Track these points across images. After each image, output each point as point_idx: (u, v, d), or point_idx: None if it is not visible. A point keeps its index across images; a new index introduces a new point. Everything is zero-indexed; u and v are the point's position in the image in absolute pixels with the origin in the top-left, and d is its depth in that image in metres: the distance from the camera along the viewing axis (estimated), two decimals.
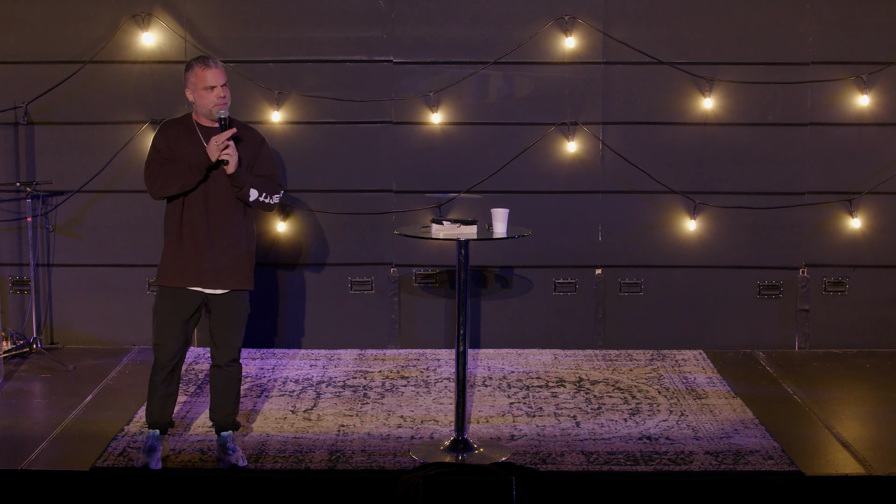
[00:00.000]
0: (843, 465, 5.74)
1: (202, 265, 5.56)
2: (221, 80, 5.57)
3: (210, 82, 5.54)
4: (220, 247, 5.58)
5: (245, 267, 5.67)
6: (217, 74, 5.55)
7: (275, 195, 5.65)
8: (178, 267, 5.58)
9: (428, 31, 7.64)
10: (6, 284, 7.81)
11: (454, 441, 5.91)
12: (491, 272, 7.86)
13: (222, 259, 5.58)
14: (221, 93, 5.57)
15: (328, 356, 7.64)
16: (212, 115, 5.59)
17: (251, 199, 5.56)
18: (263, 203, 5.61)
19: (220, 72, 5.57)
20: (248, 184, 5.54)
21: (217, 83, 5.55)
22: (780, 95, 7.65)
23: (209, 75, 5.54)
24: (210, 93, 5.55)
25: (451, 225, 5.87)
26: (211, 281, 5.59)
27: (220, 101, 5.56)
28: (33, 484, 5.47)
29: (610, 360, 7.58)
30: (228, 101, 5.61)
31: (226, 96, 5.58)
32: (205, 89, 5.56)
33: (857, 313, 7.83)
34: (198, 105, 5.62)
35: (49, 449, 5.88)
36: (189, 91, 5.62)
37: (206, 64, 5.56)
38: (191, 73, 5.59)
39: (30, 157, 7.68)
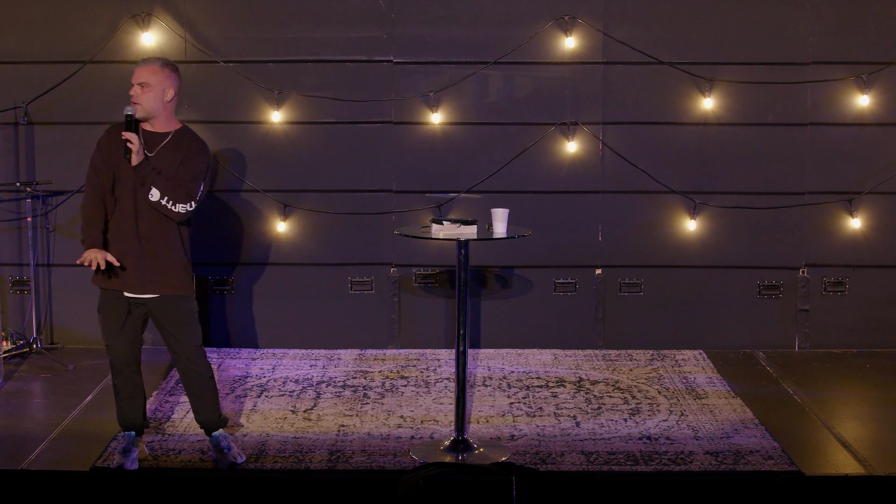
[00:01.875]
0: (843, 465, 5.74)
1: (128, 270, 5.47)
2: (137, 79, 5.44)
3: (132, 80, 5.47)
4: (146, 252, 5.48)
5: (175, 273, 5.54)
6: (137, 73, 5.44)
7: (179, 203, 5.41)
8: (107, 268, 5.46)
9: (428, 31, 7.64)
10: (6, 284, 7.81)
11: (454, 441, 5.91)
12: (491, 272, 7.86)
13: (147, 264, 5.48)
14: (134, 91, 5.43)
15: (328, 356, 7.64)
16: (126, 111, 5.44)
17: (152, 200, 5.37)
18: (164, 207, 5.40)
19: (141, 71, 5.44)
20: (151, 182, 5.37)
21: (134, 81, 5.44)
22: (780, 95, 7.65)
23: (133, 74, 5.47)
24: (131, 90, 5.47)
25: (451, 225, 5.87)
26: (136, 286, 5.51)
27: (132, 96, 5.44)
28: (33, 484, 5.48)
29: (610, 360, 7.58)
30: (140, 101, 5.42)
31: (135, 95, 5.42)
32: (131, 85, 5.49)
33: (857, 313, 7.83)
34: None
35: (49, 449, 5.88)
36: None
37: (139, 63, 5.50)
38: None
39: (30, 157, 7.68)
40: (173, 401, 6.67)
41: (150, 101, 5.44)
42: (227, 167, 7.68)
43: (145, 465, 5.66)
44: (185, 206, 5.44)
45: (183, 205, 5.43)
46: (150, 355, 7.62)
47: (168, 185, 5.40)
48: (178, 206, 5.43)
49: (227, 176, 7.70)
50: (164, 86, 5.46)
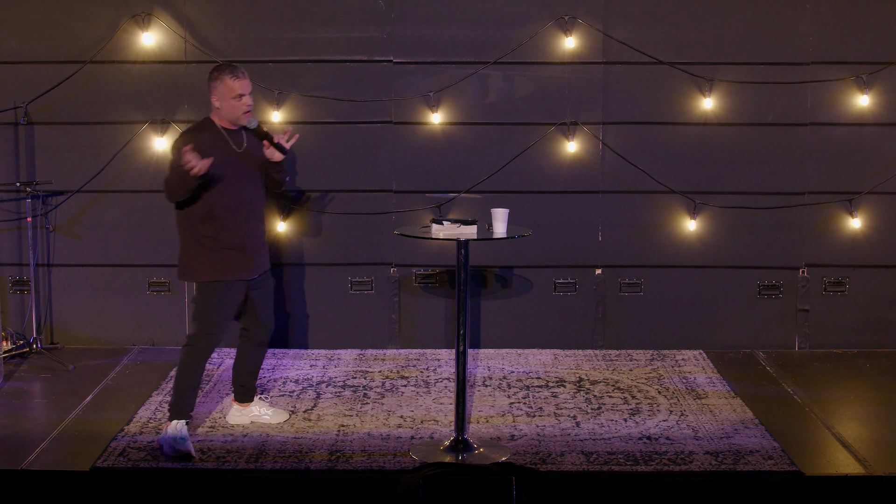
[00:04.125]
0: (843, 465, 5.74)
1: (248, 255, 5.93)
2: (249, 88, 5.92)
3: (239, 91, 5.86)
4: (255, 234, 6.00)
5: (266, 248, 6.18)
6: (246, 84, 5.89)
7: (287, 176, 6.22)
8: (225, 260, 5.87)
9: (428, 31, 7.64)
10: (6, 284, 7.81)
11: (454, 441, 5.91)
12: (491, 272, 7.86)
13: (257, 245, 6.01)
14: (249, 101, 5.90)
15: (328, 356, 7.64)
16: (238, 122, 5.92)
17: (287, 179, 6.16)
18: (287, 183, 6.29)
19: (248, 82, 5.92)
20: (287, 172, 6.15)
21: (246, 92, 5.88)
22: (780, 95, 7.65)
23: (239, 85, 5.86)
24: (239, 101, 5.87)
25: (451, 225, 5.87)
26: (254, 269, 6.00)
27: (248, 108, 5.90)
28: (33, 484, 5.48)
29: (610, 360, 7.58)
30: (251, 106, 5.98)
31: (251, 103, 5.92)
32: (234, 98, 5.86)
33: (857, 313, 7.83)
34: (224, 112, 5.90)
35: (49, 449, 5.88)
36: (216, 98, 5.90)
37: (236, 74, 5.88)
38: (219, 82, 5.88)
39: (30, 157, 7.68)
40: None
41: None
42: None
43: (145, 465, 5.66)
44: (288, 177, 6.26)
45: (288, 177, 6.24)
46: (150, 355, 7.63)
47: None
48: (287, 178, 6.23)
49: None
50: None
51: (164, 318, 7.81)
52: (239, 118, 5.89)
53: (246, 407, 6.29)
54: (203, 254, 5.88)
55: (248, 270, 5.95)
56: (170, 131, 7.66)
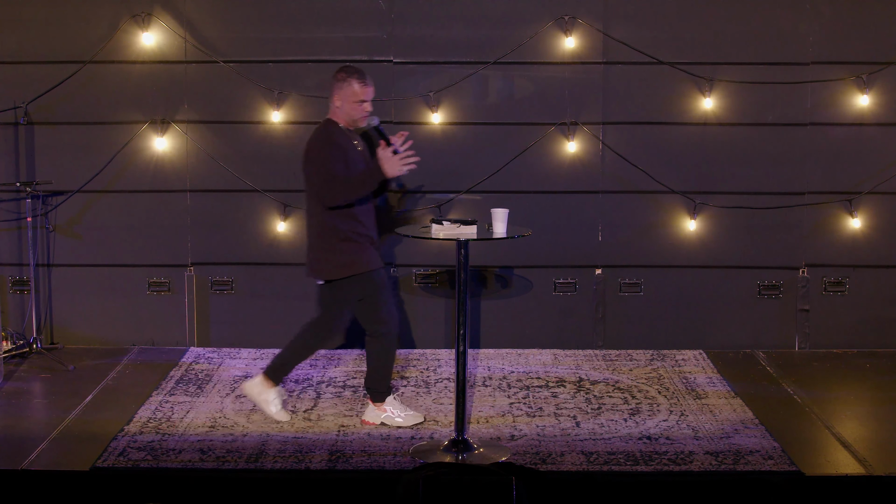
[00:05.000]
0: (843, 465, 5.74)
1: (376, 247, 6.22)
2: (373, 96, 6.16)
3: (362, 97, 6.08)
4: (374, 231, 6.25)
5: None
6: (371, 92, 6.13)
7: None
8: (371, 252, 6.14)
9: (428, 31, 7.64)
10: (6, 284, 7.81)
11: (454, 441, 5.91)
12: (491, 272, 7.86)
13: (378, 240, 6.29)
14: (369, 107, 6.14)
15: (328, 356, 7.64)
16: (356, 124, 6.14)
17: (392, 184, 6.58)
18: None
19: (373, 90, 6.16)
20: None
21: (368, 99, 6.12)
22: (780, 95, 7.65)
23: (364, 92, 6.08)
24: (360, 106, 6.09)
25: (451, 225, 5.87)
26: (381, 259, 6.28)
27: (366, 114, 6.12)
28: (33, 484, 5.48)
29: (610, 360, 7.58)
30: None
31: (370, 108, 6.16)
32: (356, 102, 6.08)
33: (857, 313, 7.83)
34: (344, 112, 6.11)
35: (49, 449, 5.87)
36: (338, 98, 6.10)
37: (364, 81, 6.09)
38: (346, 84, 6.08)
39: (30, 157, 7.68)
40: (173, 401, 6.68)
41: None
42: (228, 167, 7.69)
43: (145, 465, 5.66)
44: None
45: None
46: (150, 355, 7.63)
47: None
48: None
49: (228, 176, 7.69)
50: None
51: (164, 318, 7.81)
52: (357, 121, 6.11)
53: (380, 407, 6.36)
54: (355, 246, 6.05)
55: (380, 260, 6.22)
56: (170, 131, 7.66)
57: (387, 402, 6.26)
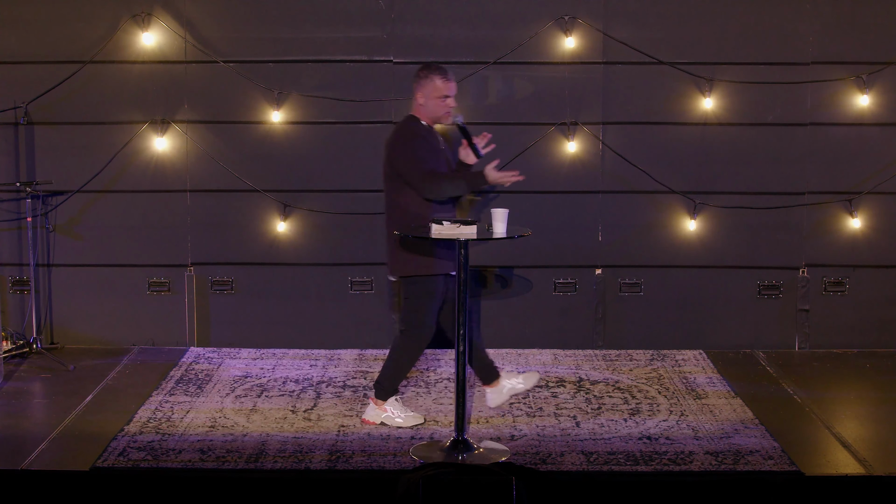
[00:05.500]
0: (843, 465, 5.74)
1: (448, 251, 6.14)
2: (455, 91, 6.16)
3: (446, 93, 6.09)
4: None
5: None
6: (453, 87, 6.13)
7: None
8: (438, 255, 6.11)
9: (428, 31, 7.64)
10: (6, 284, 7.81)
11: (454, 441, 5.91)
12: (491, 272, 7.86)
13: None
14: (453, 103, 6.13)
15: (328, 356, 7.64)
16: (440, 120, 6.16)
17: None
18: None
19: (455, 85, 6.16)
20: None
21: (451, 94, 6.11)
22: (780, 95, 7.65)
23: (447, 87, 6.09)
24: (443, 102, 6.10)
25: (451, 225, 5.87)
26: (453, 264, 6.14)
27: (449, 109, 6.12)
28: (33, 484, 5.48)
29: (610, 360, 7.58)
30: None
31: (454, 105, 6.15)
32: (440, 98, 6.09)
33: (857, 313, 7.83)
34: (427, 109, 6.13)
35: (49, 449, 5.87)
36: (421, 95, 6.12)
37: (446, 77, 6.09)
38: (428, 80, 6.10)
39: (30, 157, 7.68)
40: (173, 401, 6.67)
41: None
42: (227, 167, 7.69)
43: (145, 465, 5.66)
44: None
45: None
46: (150, 355, 7.63)
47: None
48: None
49: (227, 176, 7.69)
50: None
51: (164, 318, 7.82)
52: (441, 117, 6.12)
53: (498, 385, 6.44)
54: (425, 247, 6.07)
55: (452, 266, 6.13)
56: (170, 131, 7.66)
57: (388, 402, 6.25)
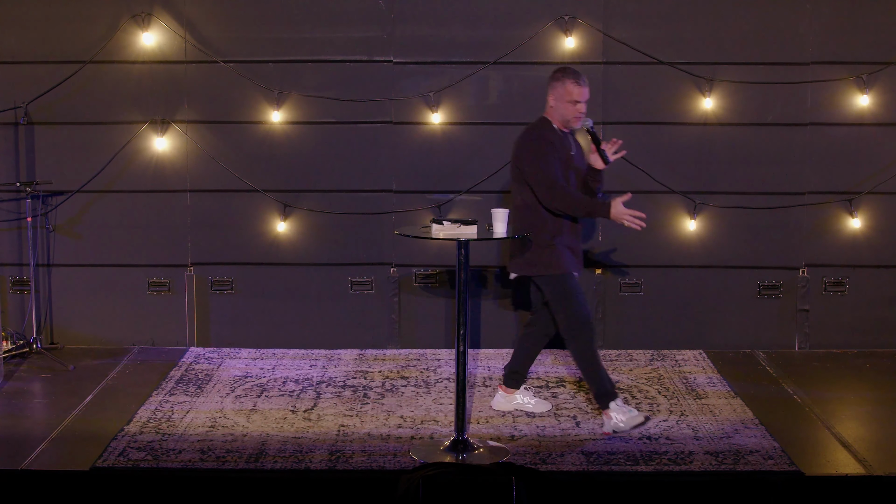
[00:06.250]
0: (843, 465, 5.74)
1: (577, 253, 6.23)
2: (587, 97, 6.09)
3: (576, 97, 6.04)
4: (579, 234, 6.29)
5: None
6: (585, 93, 6.07)
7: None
8: (568, 256, 6.14)
9: (428, 31, 7.64)
10: (6, 284, 7.81)
11: (454, 441, 5.91)
12: (491, 272, 7.86)
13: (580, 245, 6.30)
14: (583, 108, 6.07)
15: (328, 356, 7.64)
16: (569, 125, 6.11)
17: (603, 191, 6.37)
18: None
19: (587, 90, 6.09)
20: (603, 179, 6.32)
21: (582, 100, 6.06)
22: (780, 95, 7.65)
23: (578, 92, 6.04)
24: (573, 106, 6.05)
25: (451, 225, 5.87)
26: (581, 266, 6.31)
27: (579, 115, 6.06)
28: (33, 484, 5.48)
29: (610, 360, 7.58)
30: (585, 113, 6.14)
31: (584, 110, 6.10)
32: (569, 102, 6.04)
33: (857, 313, 7.83)
34: (557, 112, 6.10)
35: (49, 449, 5.87)
36: (553, 98, 6.10)
37: (579, 82, 6.04)
38: (560, 84, 6.06)
39: (30, 157, 7.69)
40: (173, 401, 6.68)
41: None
42: (227, 167, 7.69)
43: (145, 465, 5.66)
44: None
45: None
46: (150, 355, 7.63)
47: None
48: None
49: (228, 176, 7.70)
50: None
51: (164, 318, 7.82)
52: (570, 121, 6.08)
53: (511, 394, 6.48)
54: (558, 247, 6.09)
55: (579, 267, 6.23)
56: (170, 131, 7.66)
57: (611, 408, 6.17)
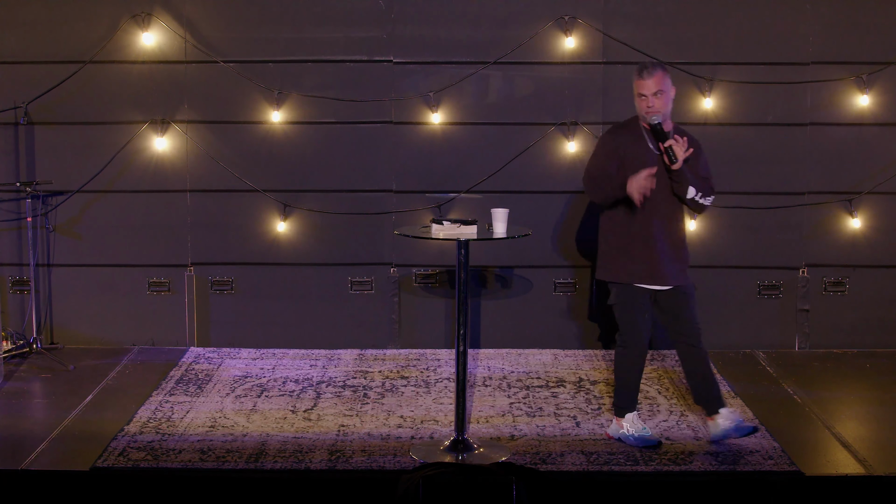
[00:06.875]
0: (843, 465, 5.74)
1: (652, 263, 5.86)
2: (653, 89, 5.77)
3: (639, 90, 5.81)
4: (665, 246, 5.88)
5: (686, 263, 5.99)
6: (647, 85, 5.78)
7: (707, 197, 5.88)
8: (631, 265, 5.89)
9: (428, 31, 7.64)
10: (6, 284, 7.81)
11: (454, 441, 5.91)
12: (491, 272, 7.86)
13: (667, 257, 5.88)
14: (650, 102, 5.78)
15: (328, 356, 7.64)
16: (644, 119, 5.85)
17: (688, 197, 5.82)
18: (697, 202, 5.87)
19: (653, 81, 5.78)
20: (689, 181, 5.80)
21: (646, 92, 5.78)
22: (780, 95, 7.65)
23: (639, 85, 5.81)
24: (641, 100, 5.82)
25: (451, 225, 5.87)
26: (661, 279, 5.90)
27: (648, 109, 5.79)
28: (33, 484, 5.48)
29: (610, 360, 7.57)
30: (660, 108, 5.79)
31: (653, 105, 5.78)
32: (637, 95, 5.83)
33: (857, 313, 7.83)
34: (636, 106, 5.88)
35: (49, 449, 5.87)
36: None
37: (642, 74, 5.81)
38: (633, 77, 5.85)
39: (30, 157, 7.68)
40: (173, 401, 6.68)
41: (665, 105, 5.82)
42: (227, 167, 7.69)
43: (145, 465, 5.66)
44: (710, 199, 5.92)
45: (709, 198, 5.91)
46: (150, 355, 7.63)
47: (699, 182, 5.85)
48: (706, 200, 5.90)
49: (228, 176, 7.70)
50: (670, 88, 5.86)
51: (164, 318, 7.82)
52: (642, 115, 5.84)
53: (714, 420, 5.97)
54: (615, 255, 5.92)
55: (652, 278, 5.88)
56: (170, 131, 7.66)
57: (625, 419, 6.01)
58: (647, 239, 5.85)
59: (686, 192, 5.79)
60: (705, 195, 5.86)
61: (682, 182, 5.79)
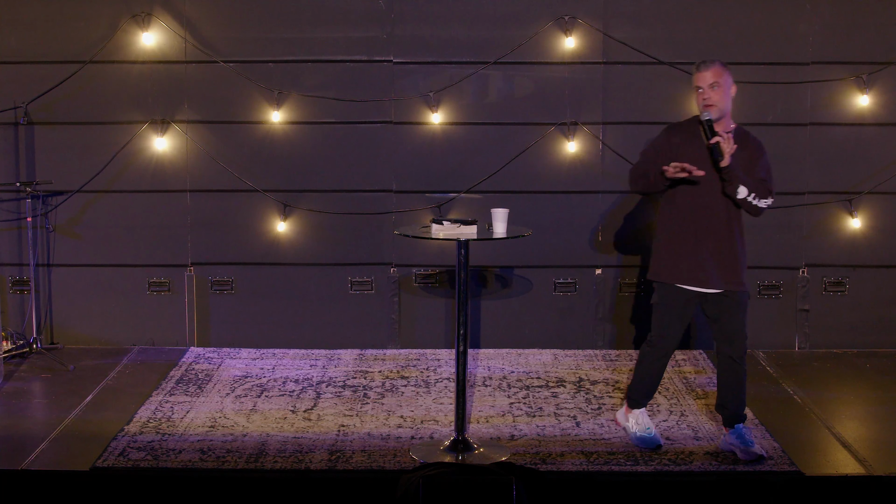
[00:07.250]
0: (843, 465, 5.74)
1: (696, 264, 5.72)
2: (709, 80, 5.61)
3: (697, 83, 5.65)
4: (716, 243, 5.72)
5: (739, 268, 5.80)
6: (706, 76, 5.62)
7: (763, 199, 5.66)
8: (676, 264, 5.76)
9: (428, 31, 7.64)
10: (6, 284, 7.81)
11: (454, 441, 5.91)
12: (491, 272, 7.86)
13: (716, 260, 5.73)
14: (705, 95, 5.63)
15: (328, 356, 7.64)
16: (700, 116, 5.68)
17: (739, 197, 5.62)
18: (750, 203, 5.66)
19: (710, 73, 5.62)
20: (739, 181, 5.58)
21: (701, 84, 5.63)
22: (780, 95, 7.65)
23: (697, 77, 5.66)
24: (698, 93, 5.65)
25: (451, 225, 5.87)
26: (709, 282, 5.74)
27: (704, 101, 5.63)
28: (33, 484, 5.48)
29: (610, 360, 7.58)
30: (716, 101, 5.62)
31: (709, 97, 5.61)
32: (696, 89, 5.67)
33: (857, 313, 7.83)
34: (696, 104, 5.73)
35: (49, 449, 5.87)
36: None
37: (699, 67, 5.66)
38: (693, 73, 5.72)
39: (30, 157, 7.68)
40: (173, 401, 6.68)
41: (722, 99, 5.63)
42: (227, 167, 7.69)
43: (145, 465, 5.66)
44: (767, 201, 5.69)
45: (766, 200, 5.68)
46: (150, 355, 7.63)
47: (753, 183, 5.62)
48: (762, 202, 5.68)
49: (228, 176, 7.70)
50: (729, 83, 5.67)
51: (164, 318, 7.82)
52: (701, 110, 5.64)
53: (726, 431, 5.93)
54: (662, 253, 5.83)
55: (699, 281, 5.74)
56: (170, 131, 7.66)
57: (632, 412, 6.02)
58: (695, 239, 5.71)
59: (736, 191, 5.59)
60: (760, 197, 5.64)
61: (732, 181, 5.58)
